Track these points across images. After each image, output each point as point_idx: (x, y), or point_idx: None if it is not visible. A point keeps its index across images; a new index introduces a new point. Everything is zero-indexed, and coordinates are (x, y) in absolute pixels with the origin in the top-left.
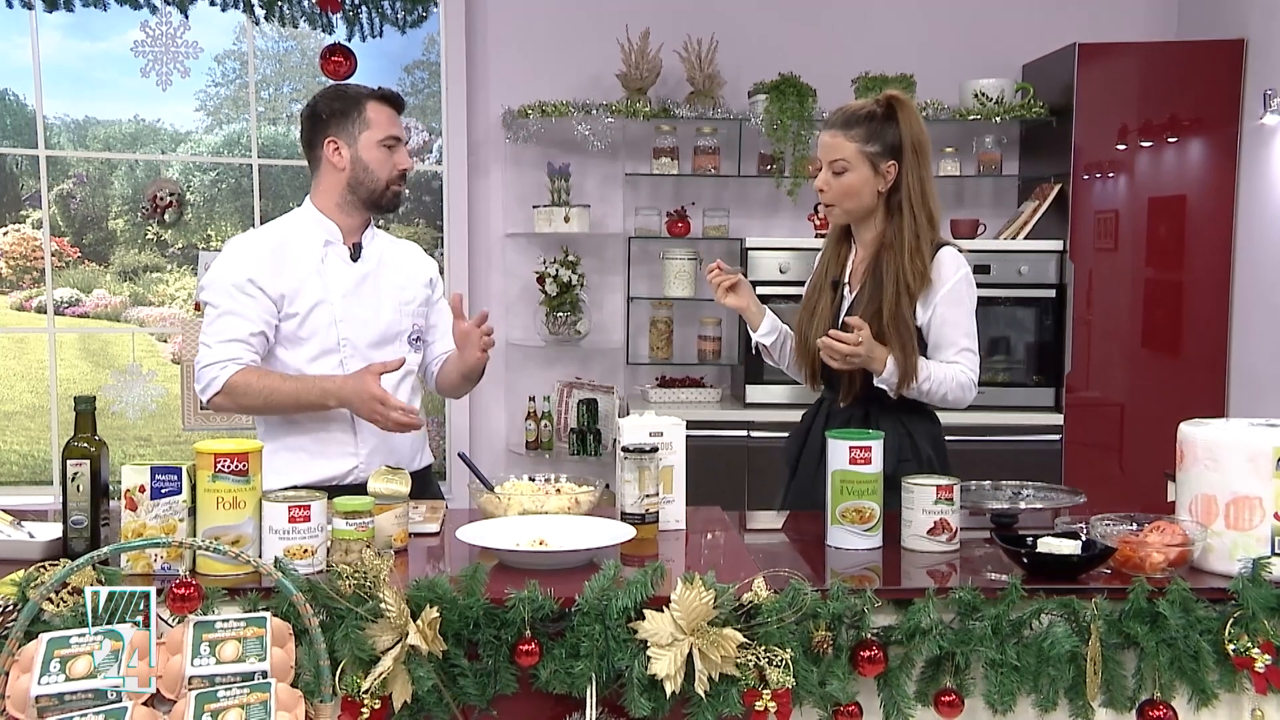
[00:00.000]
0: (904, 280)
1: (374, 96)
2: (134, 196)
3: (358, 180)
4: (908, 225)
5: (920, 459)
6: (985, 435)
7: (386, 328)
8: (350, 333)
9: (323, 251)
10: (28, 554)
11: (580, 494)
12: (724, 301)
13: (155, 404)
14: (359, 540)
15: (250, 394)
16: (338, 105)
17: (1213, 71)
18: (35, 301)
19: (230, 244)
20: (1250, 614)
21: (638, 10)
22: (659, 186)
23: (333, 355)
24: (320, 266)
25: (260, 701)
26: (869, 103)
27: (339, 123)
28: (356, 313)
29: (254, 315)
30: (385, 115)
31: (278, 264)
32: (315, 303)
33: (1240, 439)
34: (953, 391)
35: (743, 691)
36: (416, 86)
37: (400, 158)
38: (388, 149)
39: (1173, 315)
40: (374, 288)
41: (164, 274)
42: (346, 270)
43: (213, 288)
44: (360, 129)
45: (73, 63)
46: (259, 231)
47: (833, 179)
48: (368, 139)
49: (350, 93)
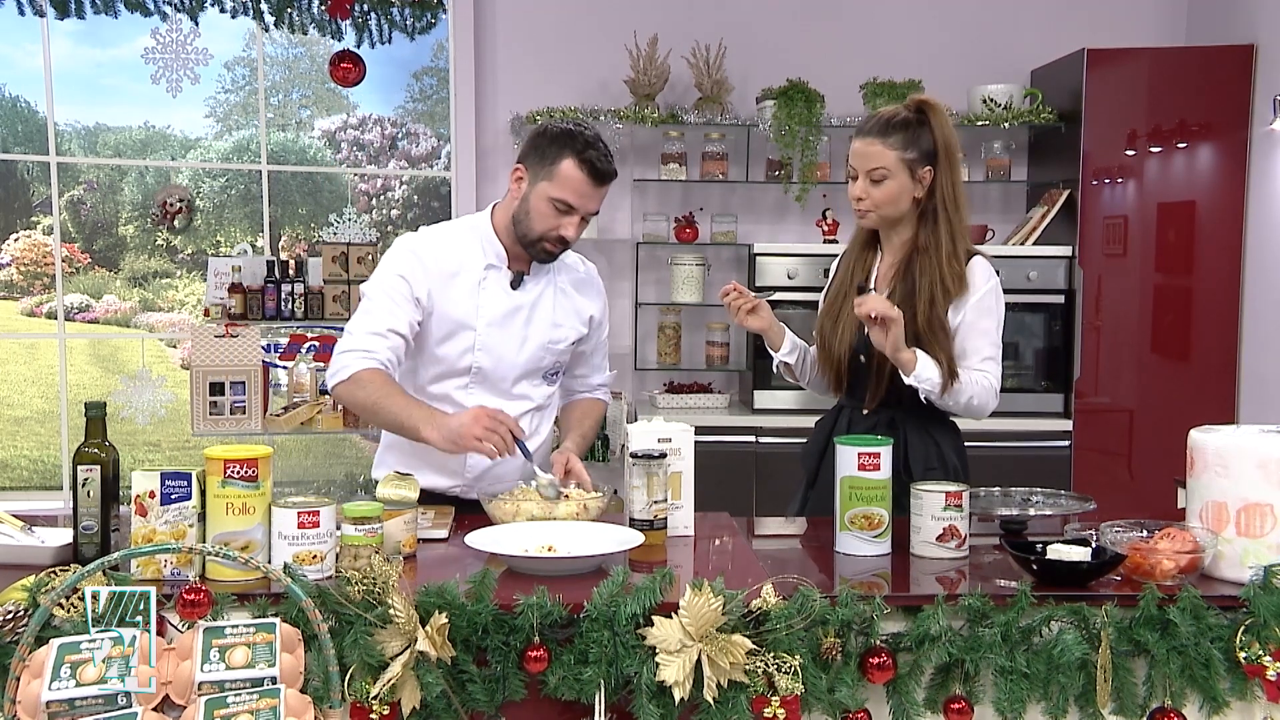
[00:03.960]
0: (941, 284)
1: (579, 158)
2: (144, 202)
3: (519, 218)
4: (944, 229)
5: (947, 466)
6: (994, 441)
7: (525, 365)
8: (484, 363)
9: (483, 274)
10: (38, 559)
11: (589, 500)
12: (745, 324)
13: (165, 409)
14: (368, 546)
15: (366, 393)
16: (544, 141)
17: (1222, 77)
18: (46, 307)
19: (400, 240)
20: (1261, 621)
21: (646, 16)
22: (667, 192)
23: (459, 379)
24: (476, 288)
25: (270, 707)
26: (900, 108)
27: (536, 157)
28: (498, 345)
29: (400, 316)
30: (576, 180)
31: (436, 274)
32: (460, 325)
33: (1251, 446)
34: (979, 397)
35: (751, 698)
36: (425, 92)
37: (566, 224)
38: (557, 210)
39: (1182, 321)
40: (525, 321)
41: (173, 280)
42: (502, 298)
43: (372, 279)
44: (544, 176)
45: (84, 69)
46: (432, 235)
47: (871, 187)
48: (544, 189)
49: (562, 138)
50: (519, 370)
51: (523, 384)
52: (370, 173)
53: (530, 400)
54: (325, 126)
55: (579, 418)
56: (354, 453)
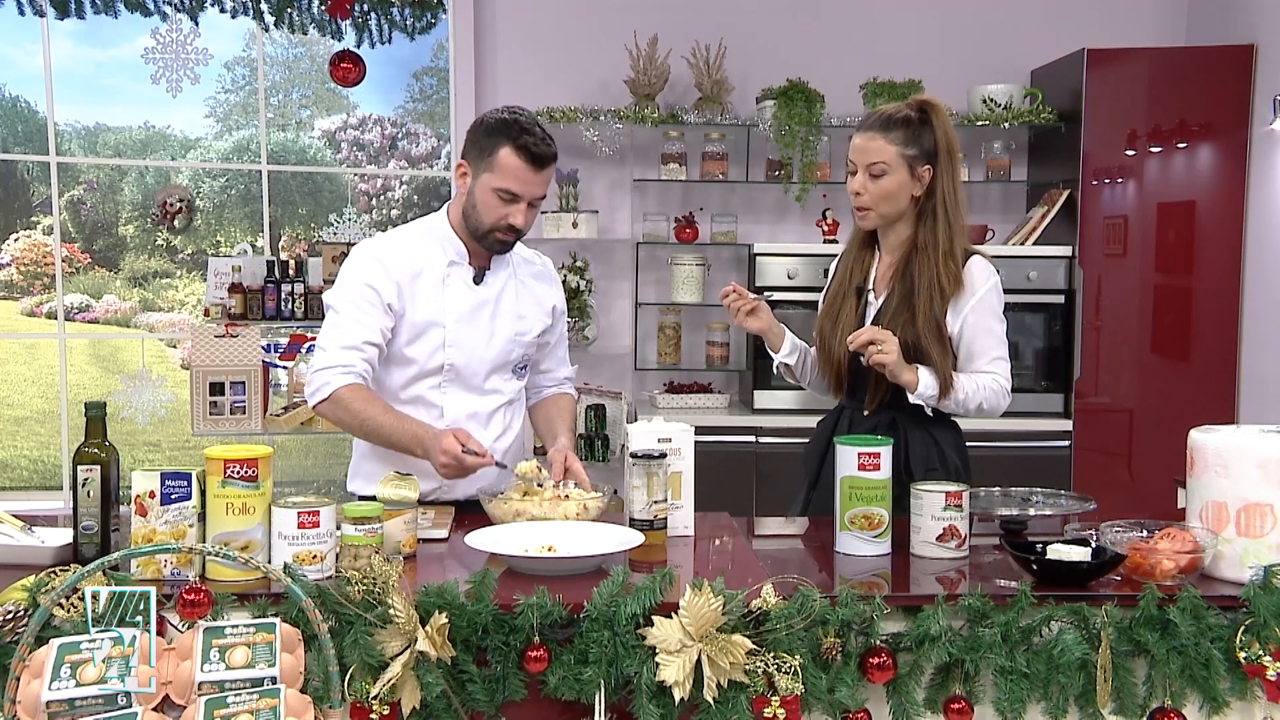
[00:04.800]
0: (938, 284)
1: (515, 145)
2: (144, 203)
3: (467, 213)
4: (941, 229)
5: (948, 466)
6: (994, 441)
7: (495, 359)
8: (456, 359)
9: (446, 271)
10: (38, 559)
11: (589, 500)
12: (744, 325)
13: (165, 409)
14: (368, 546)
15: (350, 413)
16: (481, 133)
17: (1222, 77)
18: (45, 307)
19: (359, 249)
20: (1261, 621)
21: (646, 16)
22: (667, 192)
23: (433, 378)
24: (441, 286)
25: (270, 707)
26: (903, 106)
27: (475, 151)
28: (467, 340)
29: (372, 325)
30: (515, 167)
31: (402, 277)
32: (428, 324)
33: (1251, 445)
34: (989, 400)
35: (751, 698)
36: (425, 93)
37: (513, 212)
38: (501, 199)
39: (1182, 321)
40: (491, 315)
41: (173, 280)
42: (467, 294)
43: (337, 291)
44: (485, 168)
45: (84, 69)
46: (390, 240)
47: (869, 182)
48: (486, 180)
49: (497, 128)
50: (489, 365)
51: (494, 378)
52: (370, 173)
53: (502, 394)
54: (325, 126)
55: (557, 413)
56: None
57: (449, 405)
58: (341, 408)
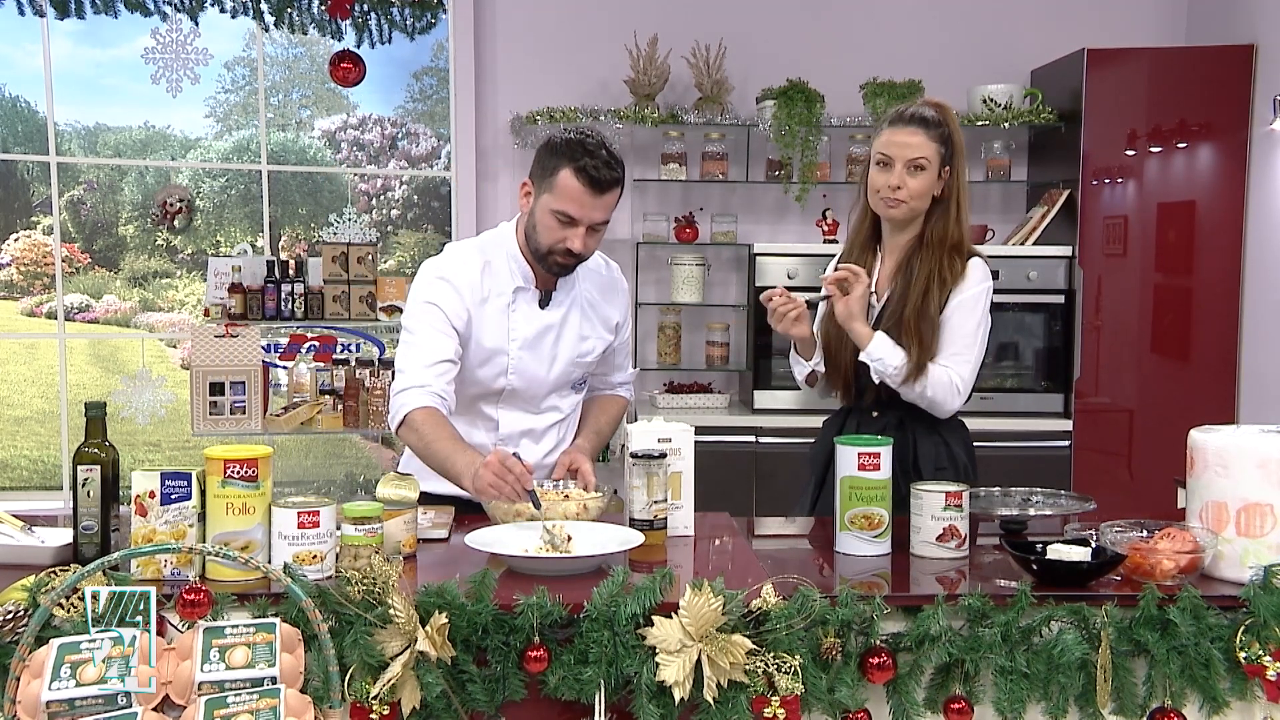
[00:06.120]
0: (938, 276)
1: (575, 168)
2: (144, 203)
3: (529, 233)
4: (952, 227)
5: (957, 466)
6: (994, 441)
7: (556, 381)
8: (517, 385)
9: (513, 298)
10: (38, 559)
11: (589, 500)
12: (788, 330)
13: (165, 409)
14: (368, 546)
15: (419, 437)
16: (545, 153)
17: (1222, 77)
18: (45, 307)
19: (429, 267)
20: (1261, 621)
21: (646, 16)
22: (667, 192)
23: (491, 398)
24: (506, 313)
25: (270, 707)
26: (926, 106)
27: (539, 170)
28: (530, 365)
29: (447, 344)
30: (573, 190)
31: (470, 301)
32: (493, 351)
33: (1251, 445)
34: (939, 393)
35: (751, 698)
36: (425, 92)
37: (571, 236)
38: (560, 222)
39: (1182, 321)
40: (555, 340)
41: (173, 280)
42: (533, 320)
43: (409, 312)
44: (546, 189)
45: (84, 69)
46: (460, 259)
47: (908, 176)
48: (546, 202)
49: (560, 149)
50: (549, 387)
51: (552, 397)
52: (370, 173)
53: (559, 411)
54: (325, 126)
55: (595, 414)
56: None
57: (505, 420)
58: (414, 433)
